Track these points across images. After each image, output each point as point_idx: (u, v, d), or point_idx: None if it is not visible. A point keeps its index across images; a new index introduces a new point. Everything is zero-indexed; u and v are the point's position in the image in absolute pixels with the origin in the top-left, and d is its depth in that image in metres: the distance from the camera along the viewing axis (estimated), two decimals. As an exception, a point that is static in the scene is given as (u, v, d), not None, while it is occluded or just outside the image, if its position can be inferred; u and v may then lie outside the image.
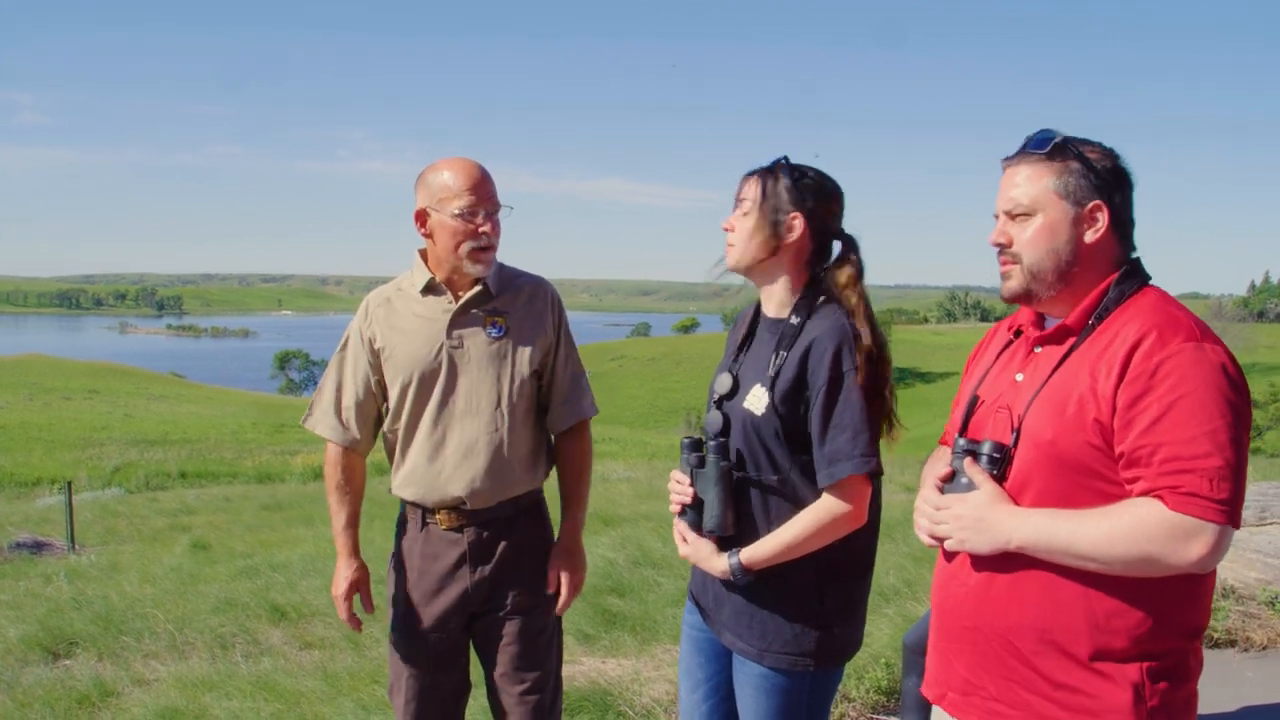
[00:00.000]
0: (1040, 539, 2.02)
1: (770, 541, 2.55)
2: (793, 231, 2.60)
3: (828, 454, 2.50)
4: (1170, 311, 2.04)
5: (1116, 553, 1.94)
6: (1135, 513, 1.93)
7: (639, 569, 7.65)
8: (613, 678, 5.09)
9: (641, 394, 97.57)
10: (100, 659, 6.64)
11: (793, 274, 2.65)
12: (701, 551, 2.66)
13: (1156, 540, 1.91)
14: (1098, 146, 2.15)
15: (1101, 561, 1.96)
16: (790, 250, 2.62)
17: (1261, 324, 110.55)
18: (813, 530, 2.52)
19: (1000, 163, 2.24)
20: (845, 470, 2.47)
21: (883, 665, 4.93)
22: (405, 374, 3.11)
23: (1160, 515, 1.91)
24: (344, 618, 3.26)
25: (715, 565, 2.62)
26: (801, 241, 2.62)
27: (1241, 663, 5.32)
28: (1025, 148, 2.18)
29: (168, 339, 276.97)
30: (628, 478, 20.52)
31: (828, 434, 2.50)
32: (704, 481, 2.63)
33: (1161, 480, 1.92)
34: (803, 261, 2.65)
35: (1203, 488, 1.89)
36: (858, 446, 2.47)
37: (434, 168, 3.07)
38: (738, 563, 2.57)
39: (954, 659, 2.23)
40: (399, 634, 3.21)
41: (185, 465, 34.95)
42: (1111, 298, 2.10)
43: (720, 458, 2.60)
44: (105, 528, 17.68)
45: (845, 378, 2.49)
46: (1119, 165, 2.14)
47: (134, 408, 65.45)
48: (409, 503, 3.20)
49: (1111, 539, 1.94)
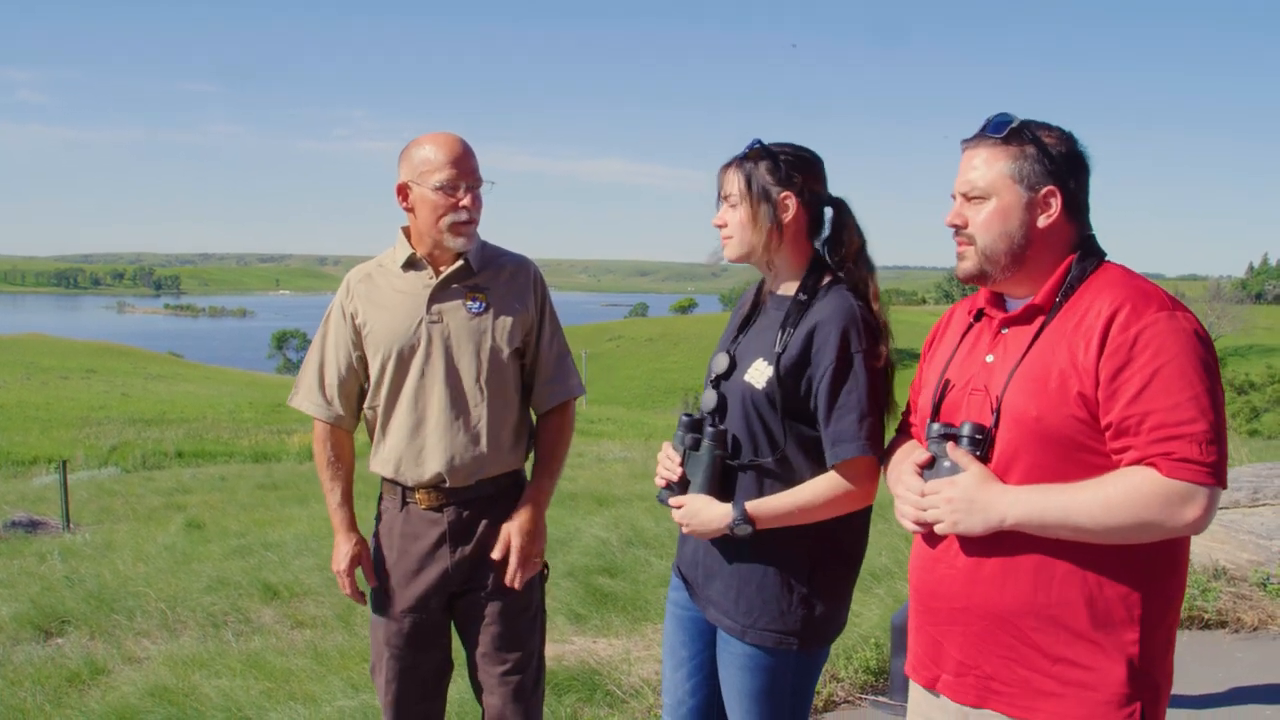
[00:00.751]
0: (1034, 514, 2.04)
1: (781, 499, 2.54)
2: (788, 211, 2.60)
3: (832, 435, 2.50)
4: (1138, 284, 2.08)
5: (1115, 521, 1.97)
6: (1130, 481, 1.97)
7: (631, 549, 7.66)
8: (603, 657, 5.09)
9: (639, 374, 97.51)
10: (92, 637, 6.66)
11: (793, 251, 2.65)
12: (697, 503, 2.62)
13: (1154, 507, 1.95)
14: (1055, 131, 2.17)
15: (1098, 532, 2.00)
16: (790, 230, 2.62)
17: (1259, 305, 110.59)
18: (821, 500, 2.52)
19: (959, 144, 2.25)
20: (849, 451, 2.48)
21: (872, 645, 4.94)
22: (385, 349, 3.09)
23: (1155, 482, 1.95)
24: (347, 593, 3.24)
25: (714, 515, 2.59)
26: (799, 218, 2.62)
27: (1232, 644, 5.33)
28: (983, 131, 2.20)
29: (165, 318, 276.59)
30: (624, 458, 20.58)
31: (833, 415, 2.50)
32: (694, 464, 2.64)
33: (1153, 448, 1.96)
34: (802, 237, 2.65)
35: (1193, 453, 1.93)
36: (863, 429, 2.48)
37: (416, 142, 3.06)
38: (741, 511, 2.54)
39: (944, 642, 2.24)
40: (379, 614, 3.20)
41: (182, 445, 35.00)
42: (1075, 275, 2.14)
43: (716, 445, 2.60)
44: (100, 507, 17.70)
45: (854, 359, 2.49)
46: (1075, 150, 2.17)
47: (131, 387, 65.41)
48: (389, 481, 3.18)
49: (1109, 509, 1.97)
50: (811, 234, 2.67)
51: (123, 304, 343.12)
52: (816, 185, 2.64)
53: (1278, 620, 5.55)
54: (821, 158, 2.67)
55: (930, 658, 2.28)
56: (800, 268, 2.65)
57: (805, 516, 2.53)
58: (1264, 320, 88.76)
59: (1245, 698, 4.65)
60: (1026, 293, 2.20)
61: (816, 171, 2.65)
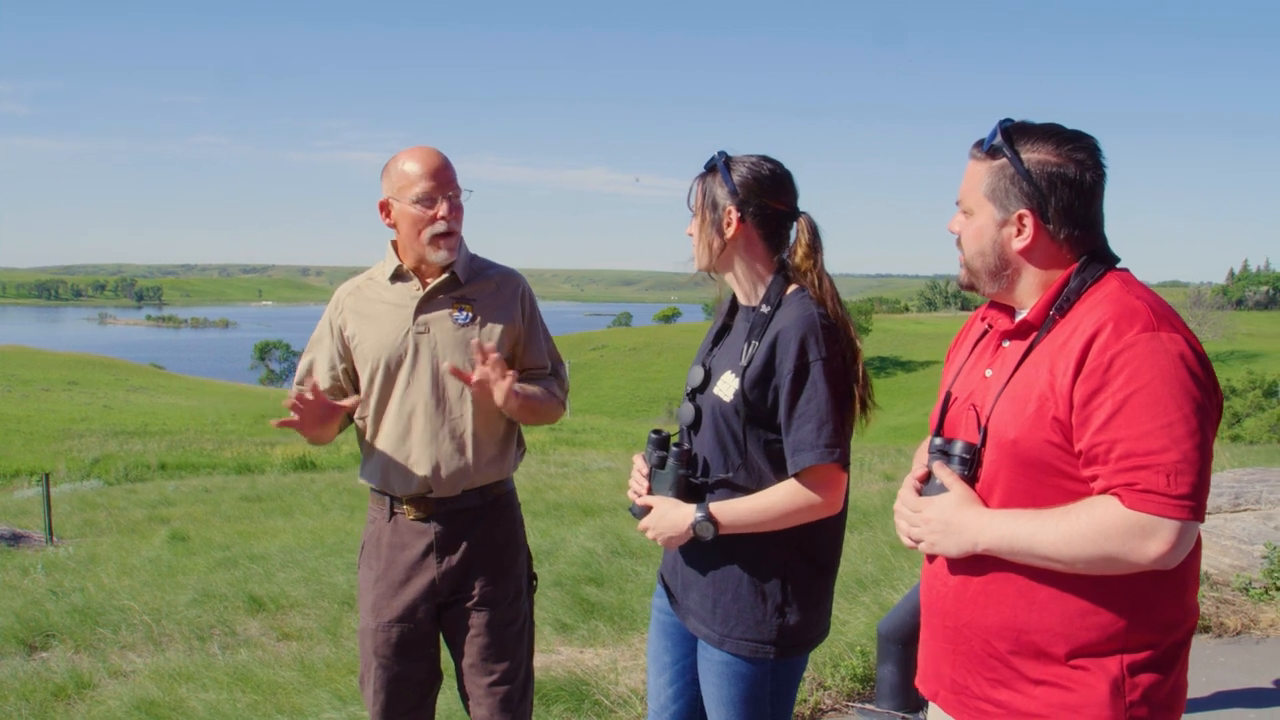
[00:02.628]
0: (1004, 541, 2.00)
1: (745, 503, 2.56)
2: (731, 225, 2.62)
3: (792, 443, 2.51)
4: (1128, 301, 1.97)
5: (1076, 553, 1.92)
6: (1093, 512, 1.91)
7: (617, 559, 7.67)
8: (590, 667, 5.09)
9: (623, 384, 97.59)
10: (77, 651, 6.62)
11: (748, 264, 2.67)
12: (664, 506, 2.65)
13: (1114, 539, 1.88)
14: (1052, 143, 2.05)
15: (1063, 562, 1.94)
16: (736, 244, 2.65)
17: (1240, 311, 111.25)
18: (785, 507, 2.52)
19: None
20: (808, 460, 2.48)
21: (858, 653, 4.95)
22: (373, 360, 3.13)
23: (1117, 513, 1.88)
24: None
25: (679, 516, 2.61)
26: (744, 232, 2.63)
27: (1216, 649, 5.36)
28: (977, 142, 2.13)
29: (147, 330, 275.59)
30: (608, 467, 20.55)
31: (793, 423, 2.51)
32: (659, 481, 2.67)
33: (1118, 478, 1.89)
34: (756, 250, 2.66)
35: (1158, 484, 1.85)
36: (822, 437, 2.48)
37: (395, 158, 3.11)
38: (705, 513, 2.57)
39: (941, 659, 2.23)
40: (367, 624, 3.21)
41: (165, 457, 34.75)
42: (1072, 288, 2.05)
43: (679, 464, 2.63)
44: (83, 519, 17.59)
45: (811, 368, 2.49)
46: (1068, 168, 2.03)
47: (113, 399, 65.06)
48: (376, 491, 3.20)
49: (1070, 539, 1.91)
50: (772, 246, 2.67)
51: (104, 315, 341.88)
52: (772, 199, 2.64)
53: (1260, 624, 5.60)
54: (787, 171, 2.68)
55: (932, 672, 2.27)
56: (762, 280, 2.67)
57: (770, 523, 2.54)
58: (1245, 326, 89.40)
59: (1229, 702, 4.69)
60: (1024, 305, 2.13)
61: (773, 185, 2.64)
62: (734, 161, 2.64)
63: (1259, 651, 5.31)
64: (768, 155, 2.68)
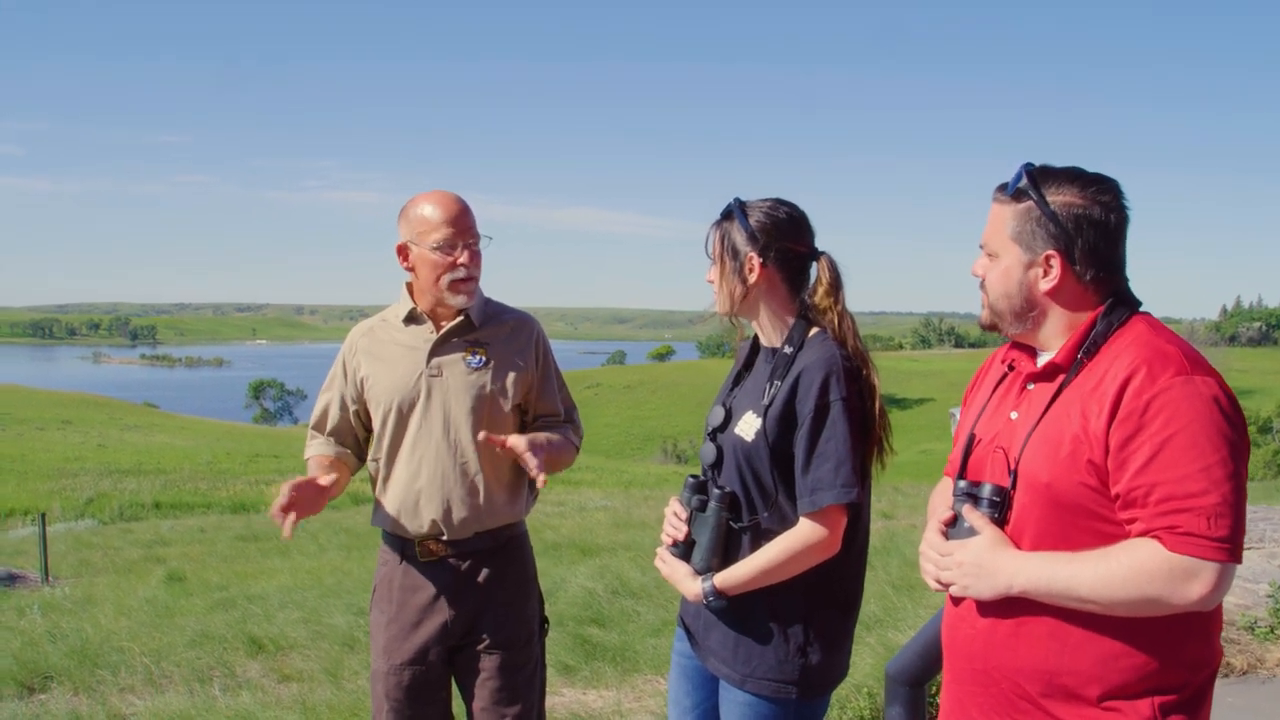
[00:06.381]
0: (1040, 584, 1.99)
1: (744, 566, 2.57)
2: (753, 271, 2.63)
3: (810, 483, 2.51)
4: (1159, 344, 1.99)
5: (1117, 595, 1.92)
6: (1134, 554, 1.91)
7: (618, 599, 7.63)
8: (594, 709, 5.07)
9: (618, 422, 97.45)
10: (76, 693, 6.57)
11: (772, 307, 2.68)
12: (678, 572, 2.68)
13: (1157, 581, 1.89)
14: (1078, 185, 2.07)
15: (1102, 604, 1.94)
16: (759, 289, 2.66)
17: (1234, 348, 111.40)
18: (786, 556, 2.53)
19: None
20: (826, 499, 2.48)
21: (865, 695, 4.92)
22: (386, 402, 3.13)
23: (1159, 556, 1.89)
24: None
25: (690, 588, 2.64)
26: (767, 277, 2.65)
27: (1222, 688, 5.33)
28: (1001, 186, 2.15)
29: (142, 369, 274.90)
30: (604, 506, 20.51)
31: (812, 462, 2.51)
32: (700, 524, 2.66)
33: (1158, 521, 1.89)
34: (779, 294, 2.68)
35: (1200, 526, 1.86)
36: (840, 476, 2.48)
37: (414, 201, 3.11)
38: (711, 586, 2.59)
39: (968, 703, 2.21)
40: (379, 666, 3.19)
41: (159, 496, 34.64)
42: (1100, 331, 2.06)
43: (722, 507, 2.62)
44: (79, 559, 17.53)
45: (832, 407, 2.50)
46: (1093, 210, 2.05)
47: (108, 438, 64.99)
48: (389, 534, 3.21)
49: (1110, 582, 1.92)
50: (794, 288, 2.69)
51: (98, 354, 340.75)
52: (792, 242, 2.66)
53: (1267, 664, 5.58)
54: (802, 212, 2.70)
55: (959, 716, 2.24)
56: (785, 321, 2.68)
57: (774, 576, 2.55)
58: (1238, 363, 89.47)
59: (1237, 743, 4.67)
60: (1049, 347, 2.14)
61: (791, 228, 2.67)
62: (749, 207, 2.66)
63: (1265, 691, 5.30)
64: (781, 198, 2.70)
